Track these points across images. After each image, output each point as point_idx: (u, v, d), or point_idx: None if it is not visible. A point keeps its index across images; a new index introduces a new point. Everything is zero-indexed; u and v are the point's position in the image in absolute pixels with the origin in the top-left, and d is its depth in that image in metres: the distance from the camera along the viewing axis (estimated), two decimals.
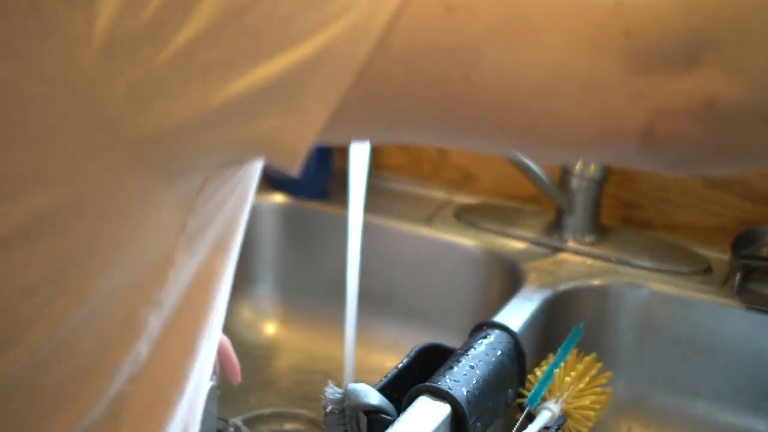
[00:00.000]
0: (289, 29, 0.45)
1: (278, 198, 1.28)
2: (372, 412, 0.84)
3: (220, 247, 0.58)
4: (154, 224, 0.53)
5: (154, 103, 0.47)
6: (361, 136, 0.52)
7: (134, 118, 0.48)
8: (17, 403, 0.55)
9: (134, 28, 0.46)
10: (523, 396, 0.91)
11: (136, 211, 0.52)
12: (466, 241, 1.18)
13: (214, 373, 0.98)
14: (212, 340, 0.61)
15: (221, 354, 0.97)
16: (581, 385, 0.91)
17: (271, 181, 1.29)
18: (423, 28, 0.45)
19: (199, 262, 0.57)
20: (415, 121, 0.48)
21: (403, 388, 0.87)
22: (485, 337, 0.92)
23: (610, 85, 0.44)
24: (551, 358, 0.93)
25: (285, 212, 1.29)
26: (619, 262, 1.11)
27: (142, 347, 0.56)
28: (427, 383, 0.84)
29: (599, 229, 1.15)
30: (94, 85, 0.47)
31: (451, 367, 0.87)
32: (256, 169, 0.58)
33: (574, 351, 0.94)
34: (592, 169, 1.11)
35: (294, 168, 0.49)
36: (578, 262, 1.12)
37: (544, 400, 0.90)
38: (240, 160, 0.54)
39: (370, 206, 1.09)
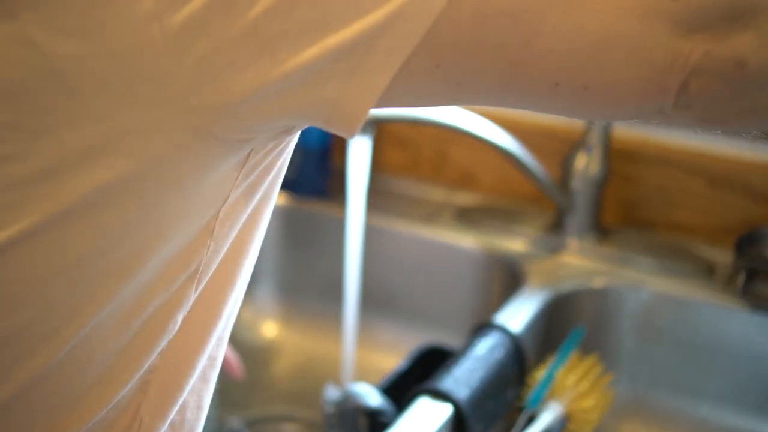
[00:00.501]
0: (359, 0, 0.47)
1: (278, 198, 1.27)
2: (372, 413, 0.84)
3: (254, 217, 0.59)
4: (204, 195, 0.54)
5: (224, 75, 0.48)
6: (424, 101, 0.54)
7: (202, 90, 0.49)
8: (57, 385, 0.56)
9: (207, 4, 0.47)
10: (523, 398, 0.91)
11: (191, 182, 0.53)
12: (466, 241, 1.17)
13: None
14: (234, 309, 0.62)
15: None
16: (583, 387, 0.91)
17: None
18: None
19: (235, 232, 0.58)
20: (477, 86, 0.50)
21: (403, 389, 0.86)
22: (485, 339, 0.92)
23: (656, 46, 0.47)
24: (552, 360, 0.93)
25: (285, 212, 1.28)
26: (621, 262, 1.11)
27: (179, 320, 0.57)
28: (427, 384, 0.84)
29: (600, 230, 1.15)
30: (162, 60, 0.48)
31: (451, 368, 0.86)
32: (293, 143, 0.59)
33: (576, 352, 0.94)
34: (593, 169, 1.10)
35: (352, 133, 0.50)
36: (579, 263, 1.12)
37: (545, 402, 0.90)
38: (292, 128, 0.55)
39: (370, 206, 1.09)
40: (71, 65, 0.49)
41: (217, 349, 0.62)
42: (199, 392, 0.62)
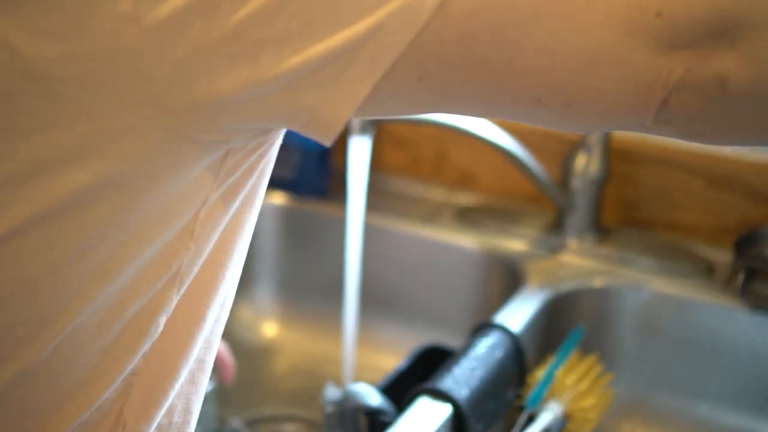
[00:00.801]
0: (343, 11, 0.47)
1: (278, 198, 1.27)
2: (372, 412, 0.84)
3: (237, 219, 0.59)
4: (182, 196, 0.54)
5: (202, 79, 0.48)
6: (406, 111, 0.54)
7: (180, 93, 0.49)
8: (38, 386, 0.56)
9: (187, 7, 0.47)
10: (523, 397, 0.91)
11: (168, 183, 0.53)
12: (466, 241, 1.17)
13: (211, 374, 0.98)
14: (222, 312, 0.62)
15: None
16: (582, 387, 0.91)
17: (270, 181, 1.29)
18: (472, 10, 0.47)
19: (217, 233, 0.58)
20: (459, 98, 0.50)
21: (403, 389, 0.86)
22: (485, 338, 0.92)
23: (640, 63, 0.47)
24: (552, 360, 0.93)
25: (285, 212, 1.28)
26: (621, 262, 1.11)
27: (161, 322, 0.57)
28: (427, 384, 0.84)
29: (600, 230, 1.15)
30: (141, 62, 0.48)
31: (451, 368, 0.86)
32: (277, 145, 0.59)
33: (576, 352, 0.94)
34: (593, 169, 1.10)
35: (329, 139, 0.50)
36: (579, 263, 1.12)
37: (545, 401, 0.90)
38: (269, 129, 0.55)
39: (370, 206, 1.09)
40: (49, 67, 0.49)
41: (205, 353, 0.62)
42: (187, 395, 0.62)
